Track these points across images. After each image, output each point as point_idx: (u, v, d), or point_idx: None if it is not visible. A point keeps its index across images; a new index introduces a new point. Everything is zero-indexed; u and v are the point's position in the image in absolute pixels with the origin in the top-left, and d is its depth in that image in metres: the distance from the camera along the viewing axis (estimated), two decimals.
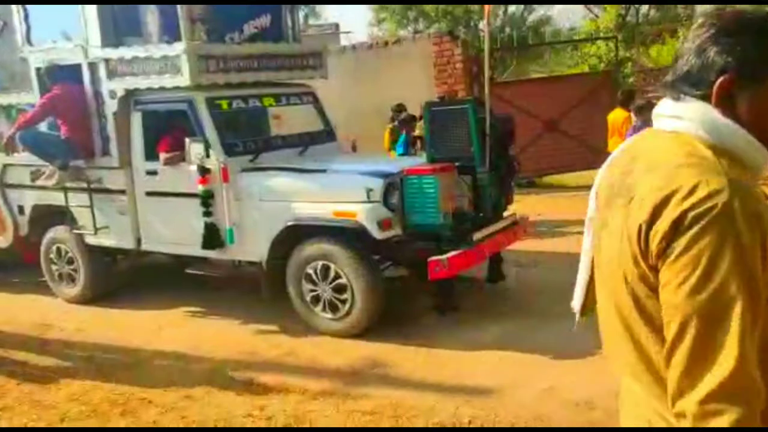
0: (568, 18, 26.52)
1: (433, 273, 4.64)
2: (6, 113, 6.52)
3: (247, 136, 5.73)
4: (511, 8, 26.64)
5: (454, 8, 24.93)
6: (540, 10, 27.78)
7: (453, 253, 4.67)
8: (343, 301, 4.92)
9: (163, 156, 5.51)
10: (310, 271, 5.00)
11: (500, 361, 4.40)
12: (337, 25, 20.08)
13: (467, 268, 4.90)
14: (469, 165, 5.02)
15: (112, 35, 5.66)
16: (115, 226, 5.94)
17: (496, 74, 14.30)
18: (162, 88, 5.42)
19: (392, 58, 11.03)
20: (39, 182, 6.13)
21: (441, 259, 4.62)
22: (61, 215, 6.22)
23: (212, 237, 5.31)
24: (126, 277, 6.60)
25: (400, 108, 8.17)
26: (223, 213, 5.24)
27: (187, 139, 5.26)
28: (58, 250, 6.39)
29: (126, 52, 5.51)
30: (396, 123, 8.11)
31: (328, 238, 4.93)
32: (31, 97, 6.18)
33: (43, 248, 6.47)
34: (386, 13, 27.41)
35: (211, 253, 5.47)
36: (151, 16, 5.49)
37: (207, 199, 5.26)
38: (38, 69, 6.03)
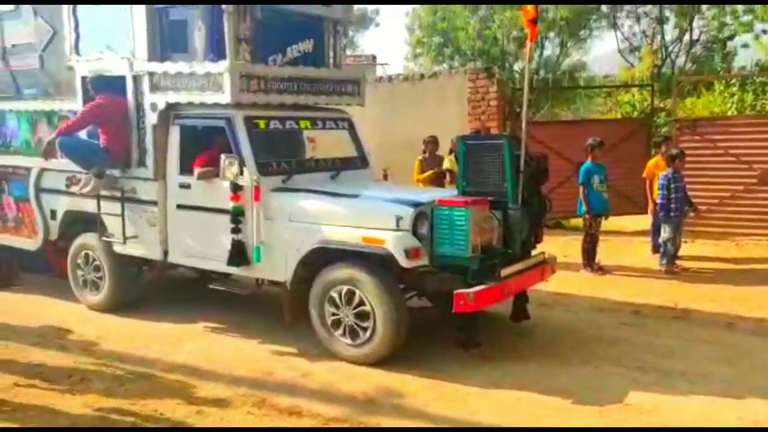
0: (602, 65, 26.65)
1: (458, 306, 4.58)
2: (47, 119, 6.64)
3: (282, 157, 5.77)
4: (547, 51, 26.92)
5: (490, 47, 25.21)
6: (575, 56, 28.02)
7: (479, 287, 4.63)
8: (365, 328, 4.88)
9: (197, 170, 5.56)
10: (335, 295, 4.98)
11: (517, 401, 4.31)
12: (374, 57, 20.33)
13: (493, 303, 4.84)
14: (501, 200, 4.99)
15: (158, 50, 5.78)
16: (143, 236, 5.99)
17: (529, 114, 14.34)
18: (202, 104, 5.51)
19: (427, 91, 11.12)
20: (74, 189, 6.23)
21: (467, 293, 4.57)
22: (91, 223, 6.30)
23: (239, 254, 5.33)
24: (149, 287, 6.63)
25: (432, 139, 8.18)
26: (252, 231, 5.26)
27: (222, 155, 5.31)
28: (86, 256, 6.46)
29: (171, 67, 5.61)
30: (427, 154, 8.13)
31: (354, 263, 4.92)
32: (73, 105, 6.30)
33: (71, 253, 6.55)
34: (422, 49, 27.81)
35: (236, 270, 5.48)
36: (198, 33, 5.58)
37: (237, 216, 5.29)
38: (84, 78, 6.17)
